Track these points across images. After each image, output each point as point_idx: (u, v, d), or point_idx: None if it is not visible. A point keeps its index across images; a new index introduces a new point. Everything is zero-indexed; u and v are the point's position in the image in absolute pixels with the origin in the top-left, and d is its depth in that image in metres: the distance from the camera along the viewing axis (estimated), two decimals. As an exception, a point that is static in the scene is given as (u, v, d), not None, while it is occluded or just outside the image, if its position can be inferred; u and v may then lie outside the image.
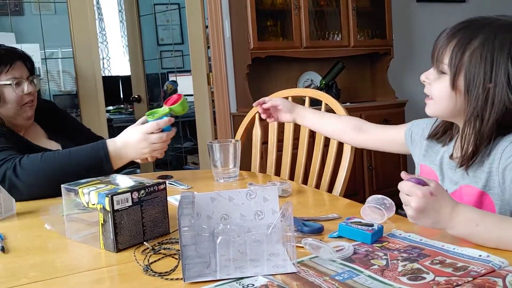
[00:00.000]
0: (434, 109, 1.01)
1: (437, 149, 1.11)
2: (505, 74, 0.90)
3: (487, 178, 0.95)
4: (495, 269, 0.70)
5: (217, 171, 1.45)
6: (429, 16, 4.14)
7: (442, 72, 0.96)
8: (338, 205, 1.22)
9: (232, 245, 0.77)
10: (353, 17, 3.55)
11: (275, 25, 3.47)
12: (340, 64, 3.55)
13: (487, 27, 0.93)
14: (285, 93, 1.78)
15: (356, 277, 0.71)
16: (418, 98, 4.00)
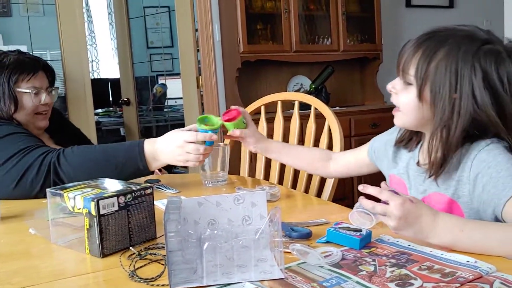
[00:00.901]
0: (402, 120, 1.02)
1: (403, 156, 1.11)
2: (470, 85, 0.90)
3: (456, 186, 0.95)
4: (482, 275, 0.70)
5: (206, 175, 1.44)
6: (417, 21, 4.17)
7: (408, 83, 0.97)
8: (327, 210, 1.22)
9: (219, 250, 0.76)
10: (342, 22, 3.57)
11: (265, 29, 3.47)
12: (329, 68, 3.56)
13: (451, 38, 0.93)
14: (275, 97, 1.78)
15: (344, 283, 0.70)
16: (407, 102, 4.01)
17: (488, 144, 0.92)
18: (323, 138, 1.59)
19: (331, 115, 1.57)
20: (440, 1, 4.32)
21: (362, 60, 3.86)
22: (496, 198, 0.87)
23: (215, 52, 3.43)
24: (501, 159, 0.89)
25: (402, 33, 4.18)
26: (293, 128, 1.71)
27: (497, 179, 0.87)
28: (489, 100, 0.90)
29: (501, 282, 0.67)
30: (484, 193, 0.90)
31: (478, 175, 0.91)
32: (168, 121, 4.72)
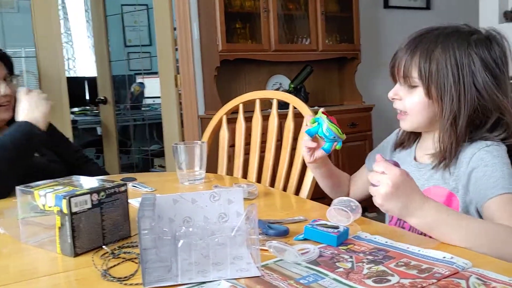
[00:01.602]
0: (411, 122, 1.05)
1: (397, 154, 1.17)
2: (470, 73, 0.97)
3: (456, 180, 0.99)
4: (458, 270, 0.70)
5: (182, 174, 1.42)
6: (395, 22, 4.21)
7: (413, 86, 1.01)
8: (305, 208, 1.21)
9: (194, 248, 0.74)
10: (321, 22, 3.58)
11: (244, 28, 3.46)
12: (308, 67, 3.57)
13: (441, 36, 0.99)
14: (253, 95, 1.77)
15: (321, 280, 0.69)
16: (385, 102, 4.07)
17: (488, 145, 0.96)
18: (301, 137, 1.58)
19: (309, 113, 1.56)
20: (418, 3, 4.38)
21: (340, 60, 3.89)
22: (483, 194, 0.92)
23: (193, 51, 3.41)
24: (498, 161, 0.94)
25: (380, 33, 4.22)
26: (271, 127, 1.69)
27: (490, 177, 0.92)
28: (490, 82, 0.97)
29: (476, 277, 0.67)
30: (475, 188, 0.94)
31: (474, 170, 0.95)
32: (146, 120, 4.67)
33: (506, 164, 0.94)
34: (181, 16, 3.36)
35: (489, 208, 0.90)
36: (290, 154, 1.61)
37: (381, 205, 0.84)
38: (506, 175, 0.92)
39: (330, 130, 1.04)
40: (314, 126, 1.06)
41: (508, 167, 0.94)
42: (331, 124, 1.04)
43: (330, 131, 1.04)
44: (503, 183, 0.90)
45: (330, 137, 1.04)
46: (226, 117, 1.79)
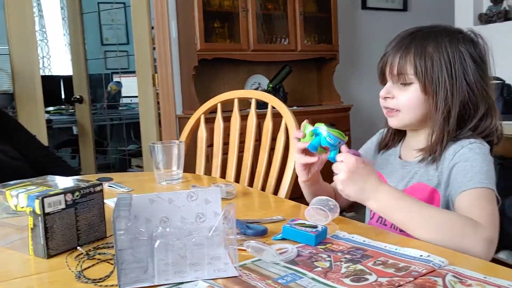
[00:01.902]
0: (402, 120, 1.05)
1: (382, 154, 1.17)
2: (461, 67, 1.00)
3: (439, 176, 1.01)
4: (435, 268, 0.70)
5: (160, 173, 1.40)
6: (373, 23, 4.25)
7: (407, 84, 1.02)
8: (283, 207, 1.21)
9: (171, 249, 0.73)
10: (300, 22, 3.59)
11: (222, 27, 3.45)
12: (287, 67, 3.57)
13: (432, 34, 1.02)
14: (232, 95, 1.76)
15: (299, 279, 0.69)
16: (363, 103, 4.12)
17: (472, 143, 0.99)
18: (280, 136, 1.57)
19: (288, 113, 1.56)
20: (395, 4, 4.43)
21: (319, 60, 3.90)
22: (458, 186, 0.94)
23: (171, 50, 3.38)
24: (479, 157, 0.96)
25: (358, 34, 4.25)
26: (250, 127, 1.69)
27: (468, 171, 0.94)
28: (479, 77, 1.01)
29: (453, 275, 0.67)
30: (454, 181, 0.97)
31: (455, 165, 0.98)
32: (123, 120, 4.62)
33: (487, 161, 0.96)
34: (159, 14, 3.33)
35: (460, 200, 0.92)
36: (269, 154, 1.60)
37: (341, 190, 0.92)
38: (484, 171, 0.93)
39: (333, 136, 0.95)
40: (314, 138, 0.98)
41: (488, 164, 0.96)
42: (331, 129, 0.96)
43: (334, 136, 0.95)
44: (479, 178, 0.92)
45: (336, 143, 0.95)
46: (204, 117, 1.78)
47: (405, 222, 0.88)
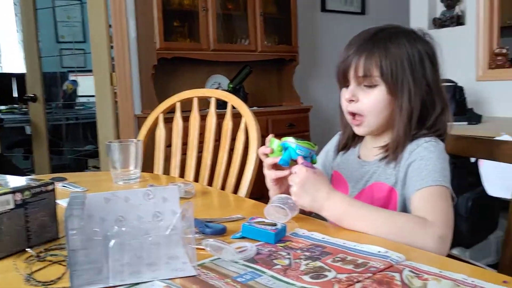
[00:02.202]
0: (368, 127, 1.04)
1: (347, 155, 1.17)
2: (421, 67, 1.02)
3: (396, 175, 1.02)
4: (393, 264, 0.71)
5: (117, 173, 1.37)
6: (332, 26, 4.31)
7: (371, 86, 1.01)
8: (243, 206, 1.20)
9: (127, 248, 0.71)
10: (260, 23, 3.60)
11: (182, 26, 3.41)
12: (247, 68, 3.57)
13: (392, 35, 1.02)
14: (191, 94, 1.74)
15: (259, 277, 0.68)
16: (322, 104, 4.16)
17: (427, 142, 1.00)
18: (240, 136, 1.57)
19: (248, 112, 1.56)
20: (353, 8, 4.51)
21: (279, 62, 3.92)
22: (413, 185, 0.95)
23: (130, 49, 3.32)
24: (434, 155, 0.97)
25: (318, 36, 4.30)
26: (209, 126, 1.67)
27: (422, 170, 0.96)
28: (435, 75, 1.04)
29: (410, 270, 0.68)
30: (409, 179, 0.98)
31: (411, 164, 0.99)
32: (80, 119, 4.49)
33: (441, 158, 0.97)
34: (117, 12, 3.26)
35: (415, 199, 0.94)
36: (229, 154, 1.59)
37: (296, 201, 0.93)
38: (438, 169, 0.95)
39: (303, 148, 0.95)
40: (283, 153, 0.97)
41: (443, 162, 0.97)
42: (300, 141, 0.96)
43: (303, 148, 0.95)
44: (433, 176, 0.94)
45: (307, 154, 0.95)
46: (163, 116, 1.75)
47: (358, 229, 0.88)
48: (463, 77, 2.92)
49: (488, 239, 2.57)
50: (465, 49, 3.03)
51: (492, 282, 0.63)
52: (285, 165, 0.98)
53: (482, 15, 2.95)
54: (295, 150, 0.95)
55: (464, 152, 1.22)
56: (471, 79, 2.99)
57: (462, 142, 1.20)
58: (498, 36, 3.00)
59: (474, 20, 2.99)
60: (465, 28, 3.06)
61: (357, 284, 0.65)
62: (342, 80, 1.05)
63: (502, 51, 2.89)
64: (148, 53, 3.23)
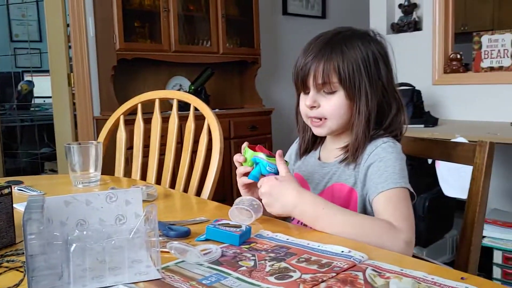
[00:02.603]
0: (329, 128, 1.05)
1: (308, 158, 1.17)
2: (376, 69, 1.03)
3: (355, 176, 1.03)
4: (356, 263, 0.72)
5: (76, 176, 1.33)
6: (293, 29, 4.36)
7: (331, 92, 1.01)
8: (206, 208, 1.19)
9: (88, 253, 0.69)
10: (222, 25, 3.59)
11: (143, 27, 3.36)
12: (209, 70, 3.56)
13: (346, 39, 1.02)
14: (153, 95, 1.71)
15: (224, 279, 0.68)
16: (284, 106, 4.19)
17: (385, 142, 1.02)
18: (203, 138, 1.56)
19: (210, 114, 1.55)
20: (314, 12, 4.57)
21: (241, 64, 3.93)
22: (374, 187, 0.97)
23: (88, 49, 3.25)
24: (392, 157, 0.99)
25: (279, 39, 4.33)
26: (171, 128, 1.65)
27: (383, 172, 0.97)
28: (390, 76, 1.05)
29: (372, 269, 0.70)
30: (369, 182, 0.99)
31: (370, 165, 1.00)
32: (35, 121, 4.35)
33: (399, 159, 1.00)
34: (75, 11, 3.18)
35: (377, 203, 0.95)
36: (191, 156, 1.58)
37: (271, 212, 0.94)
38: (397, 170, 0.97)
39: (272, 165, 0.98)
40: (254, 168, 1.00)
41: (401, 162, 1.00)
42: (270, 158, 0.98)
43: (273, 165, 0.98)
44: (393, 178, 0.96)
45: (276, 171, 0.98)
46: (124, 118, 1.72)
47: (328, 231, 0.89)
48: (420, 81, 3.01)
49: (444, 238, 2.66)
50: (422, 53, 3.12)
51: (451, 278, 0.65)
52: (255, 180, 1.00)
53: (438, 21, 3.05)
54: (265, 166, 0.97)
55: (422, 153, 1.26)
56: (428, 83, 3.08)
57: (419, 144, 1.24)
58: (452, 42, 3.11)
59: (431, 26, 3.09)
60: (421, 33, 3.15)
61: (321, 284, 0.65)
62: (301, 87, 1.05)
63: (457, 56, 2.99)
64: (107, 53, 3.17)
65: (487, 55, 2.84)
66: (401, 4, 3.26)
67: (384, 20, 3.32)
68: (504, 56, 2.78)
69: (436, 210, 2.48)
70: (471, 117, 2.93)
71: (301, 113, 1.09)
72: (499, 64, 2.80)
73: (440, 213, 2.58)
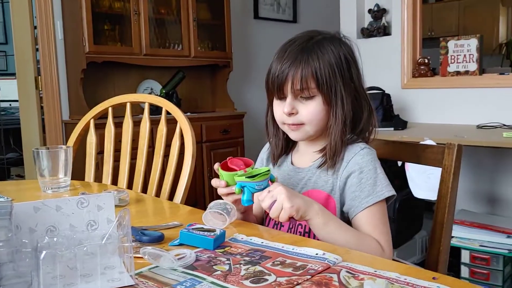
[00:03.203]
0: (306, 133, 1.04)
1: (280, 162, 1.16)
2: (349, 72, 1.03)
3: (333, 182, 1.03)
4: (330, 265, 0.73)
5: (45, 181, 1.30)
6: (265, 33, 4.37)
7: (309, 97, 1.01)
8: (179, 213, 1.18)
9: (59, 260, 0.67)
10: (193, 28, 3.57)
11: (113, 30, 3.31)
12: (180, 73, 3.54)
13: (318, 44, 1.02)
14: (124, 98, 1.69)
15: (199, 284, 0.67)
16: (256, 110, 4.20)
17: (362, 149, 1.03)
18: (175, 141, 1.54)
19: (182, 118, 1.54)
20: (285, 16, 4.60)
21: (213, 67, 3.92)
22: (358, 202, 0.99)
23: (57, 52, 3.18)
24: (372, 166, 1.01)
25: (251, 43, 4.34)
26: (143, 132, 1.63)
27: (365, 185, 0.99)
28: (361, 79, 1.06)
29: (347, 271, 0.70)
30: (350, 192, 1.00)
31: (350, 175, 1.01)
32: (1, 125, 4.24)
33: (378, 167, 1.02)
34: (42, 13, 3.11)
35: (361, 218, 0.98)
36: (163, 160, 1.56)
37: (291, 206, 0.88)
38: (378, 181, 0.99)
39: (260, 182, 0.94)
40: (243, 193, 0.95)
41: (380, 170, 1.02)
42: (254, 178, 0.93)
43: (260, 182, 0.94)
44: (375, 192, 0.98)
45: (266, 185, 0.94)
46: (94, 122, 1.69)
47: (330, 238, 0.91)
48: (390, 84, 3.07)
49: (414, 239, 2.71)
50: (391, 58, 3.18)
51: (423, 278, 0.67)
52: (250, 203, 0.95)
53: (406, 26, 3.11)
54: (254, 187, 0.94)
55: (392, 156, 1.28)
56: (397, 87, 3.14)
57: (389, 147, 1.26)
58: (420, 47, 3.18)
59: (399, 31, 3.15)
60: (391, 38, 3.21)
61: (297, 286, 0.66)
62: (277, 93, 1.03)
63: (425, 61, 3.06)
64: (76, 56, 3.12)
65: (453, 60, 2.92)
66: (370, 9, 3.32)
67: (354, 25, 3.37)
68: (469, 61, 2.86)
69: (406, 212, 2.53)
70: (439, 120, 3.00)
71: (277, 120, 1.07)
72: (465, 68, 2.88)
73: (410, 215, 2.63)
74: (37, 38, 3.14)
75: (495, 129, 2.58)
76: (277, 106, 1.05)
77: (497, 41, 6.05)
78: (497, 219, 2.53)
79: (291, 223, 1.06)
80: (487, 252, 2.31)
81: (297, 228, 1.05)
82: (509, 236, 2.32)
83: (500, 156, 2.76)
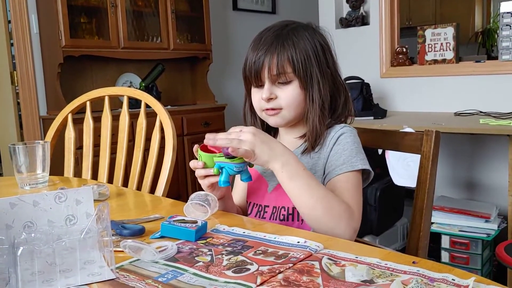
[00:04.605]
0: (286, 117, 1.05)
1: None
2: (324, 58, 1.05)
3: (317, 164, 1.05)
4: (312, 253, 0.73)
5: (22, 177, 1.28)
6: (244, 24, 4.36)
7: (286, 82, 1.03)
8: (160, 206, 1.17)
9: (37, 256, 0.66)
10: (172, 20, 3.54)
11: (89, 23, 3.26)
12: (160, 66, 3.51)
13: (294, 31, 1.04)
14: (102, 92, 1.67)
15: (181, 276, 0.67)
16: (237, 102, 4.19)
17: (342, 128, 1.06)
18: (155, 135, 1.53)
19: (162, 111, 1.52)
20: (264, 7, 4.59)
21: (192, 60, 3.89)
22: (332, 169, 1.01)
23: (32, 46, 3.13)
24: (350, 140, 1.04)
25: (230, 34, 4.32)
26: (122, 126, 1.61)
27: (341, 155, 1.01)
28: (336, 64, 1.08)
29: (328, 258, 0.71)
30: (328, 165, 1.03)
31: (332, 150, 1.04)
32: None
33: (356, 143, 1.04)
34: (16, 7, 3.05)
35: (334, 183, 0.99)
36: (143, 154, 1.55)
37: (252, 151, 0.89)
38: (354, 153, 1.01)
39: (238, 164, 0.92)
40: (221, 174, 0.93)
41: (358, 144, 1.04)
42: (233, 160, 0.92)
43: (238, 164, 0.92)
44: (350, 162, 1.00)
45: (244, 167, 0.94)
46: (72, 116, 1.67)
47: (297, 193, 0.91)
48: (369, 74, 3.08)
49: (395, 226, 2.74)
50: (370, 47, 3.20)
51: (403, 263, 0.67)
52: (227, 185, 0.94)
53: (384, 15, 3.13)
54: (232, 168, 0.93)
55: (372, 144, 1.29)
56: (376, 76, 3.17)
57: (370, 135, 1.26)
58: (398, 36, 3.20)
59: (377, 20, 3.17)
60: (369, 27, 3.23)
61: (279, 275, 0.66)
62: (254, 81, 1.05)
63: (403, 50, 3.09)
64: (53, 50, 3.06)
65: (430, 48, 2.95)
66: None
67: (332, 15, 3.38)
68: (446, 49, 2.89)
69: (387, 199, 2.56)
70: (417, 108, 3.04)
71: (255, 107, 1.09)
72: (442, 56, 2.91)
73: (391, 202, 2.66)
74: (12, 33, 3.08)
75: (472, 116, 2.62)
76: (255, 94, 1.07)
77: (473, 30, 6.13)
78: (476, 204, 2.58)
79: (274, 208, 1.06)
80: (466, 237, 2.36)
81: (280, 211, 1.05)
82: (487, 220, 2.36)
83: (478, 142, 2.81)
